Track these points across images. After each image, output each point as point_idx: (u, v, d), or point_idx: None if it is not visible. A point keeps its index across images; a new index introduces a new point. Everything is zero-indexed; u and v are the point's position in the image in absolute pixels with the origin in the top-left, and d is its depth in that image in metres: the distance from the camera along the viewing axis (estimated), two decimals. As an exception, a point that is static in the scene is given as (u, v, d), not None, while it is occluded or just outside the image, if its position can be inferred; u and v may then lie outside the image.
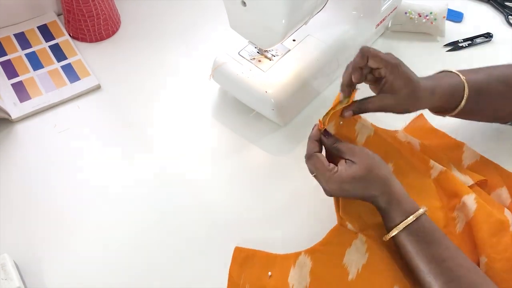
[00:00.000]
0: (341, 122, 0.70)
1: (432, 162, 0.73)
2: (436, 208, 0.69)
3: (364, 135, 0.72)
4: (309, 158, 0.66)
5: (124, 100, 0.88)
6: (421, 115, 0.83)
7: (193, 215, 0.74)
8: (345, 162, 0.64)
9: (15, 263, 0.67)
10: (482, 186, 0.74)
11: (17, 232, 0.72)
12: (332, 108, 0.67)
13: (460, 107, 0.71)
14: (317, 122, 0.68)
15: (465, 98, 0.70)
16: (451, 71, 0.72)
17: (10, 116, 0.82)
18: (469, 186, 0.71)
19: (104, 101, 0.87)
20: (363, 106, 0.68)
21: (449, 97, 0.70)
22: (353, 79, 0.67)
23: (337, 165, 0.64)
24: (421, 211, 0.63)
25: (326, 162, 0.65)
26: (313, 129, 0.68)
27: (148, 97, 0.88)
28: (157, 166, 0.79)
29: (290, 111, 0.83)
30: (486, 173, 0.75)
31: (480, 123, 0.81)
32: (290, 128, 0.84)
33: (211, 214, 0.74)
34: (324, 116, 0.68)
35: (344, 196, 0.66)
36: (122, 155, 0.80)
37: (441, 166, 0.72)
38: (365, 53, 0.65)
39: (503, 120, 0.79)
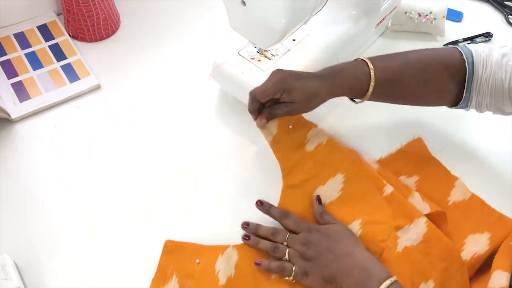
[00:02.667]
0: (291, 126, 0.72)
1: (385, 181, 0.72)
2: (380, 223, 0.68)
3: (314, 143, 0.73)
4: (285, 217, 0.70)
5: (124, 100, 0.88)
6: (420, 138, 0.81)
7: (192, 214, 0.74)
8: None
9: (15, 263, 0.67)
10: (442, 220, 0.71)
11: (17, 232, 0.72)
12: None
13: (368, 94, 0.72)
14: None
15: (372, 86, 0.71)
16: (363, 59, 0.72)
17: (9, 116, 0.82)
18: (425, 215, 0.69)
19: (104, 101, 0.87)
20: (273, 112, 0.71)
21: (351, 90, 0.72)
22: (253, 118, 0.72)
23: None
24: (391, 279, 0.60)
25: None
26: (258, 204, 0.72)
27: (148, 97, 0.88)
28: (157, 166, 0.79)
29: (290, 111, 0.83)
30: (471, 214, 0.73)
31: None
32: (290, 128, 0.84)
33: (210, 213, 0.75)
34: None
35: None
36: (122, 155, 0.80)
37: (392, 188, 0.71)
38: (254, 98, 0.69)
39: (435, 101, 0.77)
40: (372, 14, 0.88)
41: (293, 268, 0.65)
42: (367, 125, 0.85)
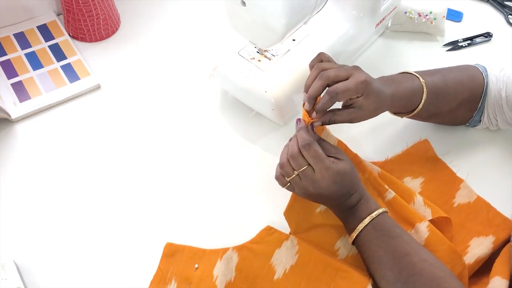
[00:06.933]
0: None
1: (387, 186, 0.72)
2: None
3: None
4: (308, 146, 0.63)
5: (123, 100, 0.88)
6: (426, 140, 0.81)
7: (193, 215, 0.74)
8: (331, 158, 0.65)
9: (15, 263, 0.67)
10: (446, 223, 0.71)
11: (17, 232, 0.72)
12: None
13: (418, 109, 0.73)
14: (301, 118, 0.69)
15: (423, 100, 0.72)
16: (411, 73, 0.74)
17: (9, 116, 0.82)
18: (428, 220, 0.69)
19: (103, 101, 0.87)
20: (333, 118, 0.68)
21: (407, 101, 0.72)
22: (318, 116, 0.68)
23: None
24: (383, 209, 0.66)
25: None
26: (297, 123, 0.68)
27: (148, 97, 0.88)
28: (157, 166, 0.79)
29: (290, 111, 0.83)
30: (476, 216, 0.73)
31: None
32: (290, 128, 0.84)
33: (210, 213, 0.75)
34: (306, 113, 0.69)
35: (324, 192, 0.64)
36: (122, 155, 0.80)
37: (394, 193, 0.71)
38: (335, 97, 0.65)
39: (458, 121, 0.82)
40: (372, 14, 0.88)
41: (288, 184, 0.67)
42: (374, 125, 0.84)
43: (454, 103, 0.76)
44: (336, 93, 0.65)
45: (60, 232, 0.72)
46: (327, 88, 0.66)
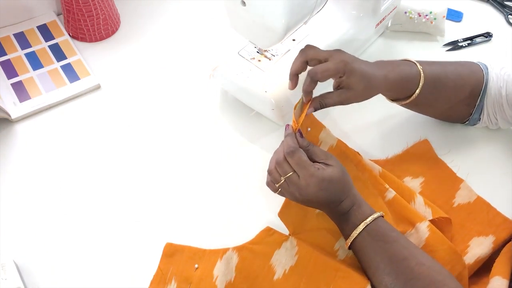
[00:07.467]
0: (309, 129, 0.71)
1: (387, 185, 0.72)
2: None
3: (327, 144, 0.73)
4: (292, 153, 0.63)
5: (123, 100, 0.88)
6: (426, 140, 0.81)
7: (193, 215, 0.74)
8: (319, 164, 0.65)
9: (15, 263, 0.67)
10: (446, 223, 0.71)
11: (17, 232, 0.72)
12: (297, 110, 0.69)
13: (415, 94, 0.73)
14: (290, 123, 0.69)
15: (420, 85, 0.72)
16: (410, 60, 0.74)
17: (9, 116, 0.82)
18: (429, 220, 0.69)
19: (103, 101, 0.87)
20: (323, 101, 0.68)
21: (403, 83, 0.72)
22: (305, 100, 0.69)
23: None
24: (379, 213, 0.65)
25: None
26: (286, 128, 0.69)
27: (148, 97, 0.88)
28: (157, 166, 0.79)
29: (290, 111, 0.82)
30: (476, 216, 0.73)
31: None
32: (290, 128, 0.84)
33: (210, 213, 0.75)
34: (294, 119, 0.69)
35: (312, 198, 0.64)
36: (122, 155, 0.80)
37: (394, 192, 0.71)
38: (314, 77, 0.66)
39: (455, 116, 0.82)
40: (372, 14, 0.88)
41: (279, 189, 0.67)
42: (374, 126, 0.85)
43: (453, 95, 0.76)
44: (315, 72, 0.66)
45: (60, 232, 0.72)
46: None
